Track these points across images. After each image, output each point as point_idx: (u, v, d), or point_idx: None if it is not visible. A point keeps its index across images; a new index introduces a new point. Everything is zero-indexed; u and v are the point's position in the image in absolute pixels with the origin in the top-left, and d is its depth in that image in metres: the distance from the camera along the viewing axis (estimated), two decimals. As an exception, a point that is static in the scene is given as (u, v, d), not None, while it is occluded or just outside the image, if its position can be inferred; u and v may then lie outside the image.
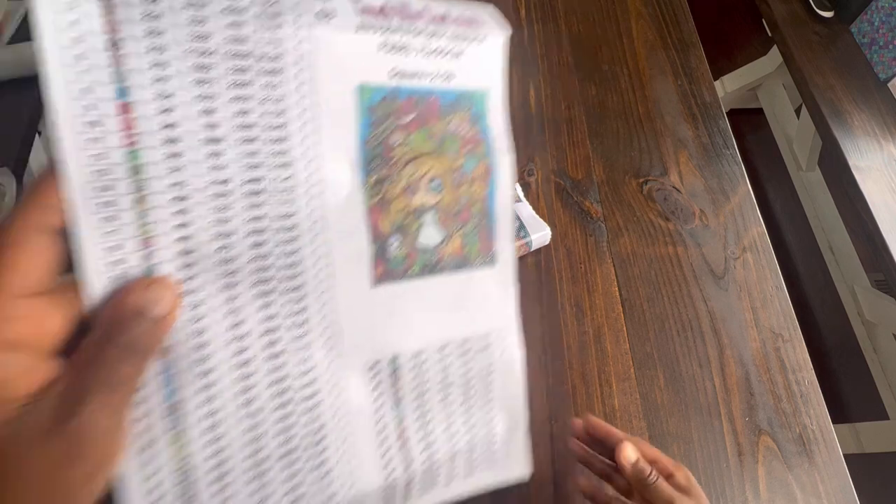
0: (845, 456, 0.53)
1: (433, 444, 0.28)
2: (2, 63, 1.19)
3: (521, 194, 0.60)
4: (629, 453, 0.39)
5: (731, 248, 0.63)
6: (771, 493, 0.51)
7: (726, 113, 0.72)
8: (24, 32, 1.30)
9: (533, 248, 0.58)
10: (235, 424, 0.22)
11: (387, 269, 0.26)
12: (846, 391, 1.31)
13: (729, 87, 1.65)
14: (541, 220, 0.58)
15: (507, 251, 0.29)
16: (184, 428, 0.21)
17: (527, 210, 0.59)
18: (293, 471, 0.24)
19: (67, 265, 0.19)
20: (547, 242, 0.59)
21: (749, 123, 1.65)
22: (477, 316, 0.29)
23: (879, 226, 0.98)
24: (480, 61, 0.28)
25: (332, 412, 0.25)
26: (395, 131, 0.25)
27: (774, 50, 1.46)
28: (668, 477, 0.39)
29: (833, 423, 0.55)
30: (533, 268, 0.58)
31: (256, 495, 0.23)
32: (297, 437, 0.24)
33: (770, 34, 1.31)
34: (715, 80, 0.86)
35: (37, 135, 1.29)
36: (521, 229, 0.57)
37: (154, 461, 0.21)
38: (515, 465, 0.31)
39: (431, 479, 0.29)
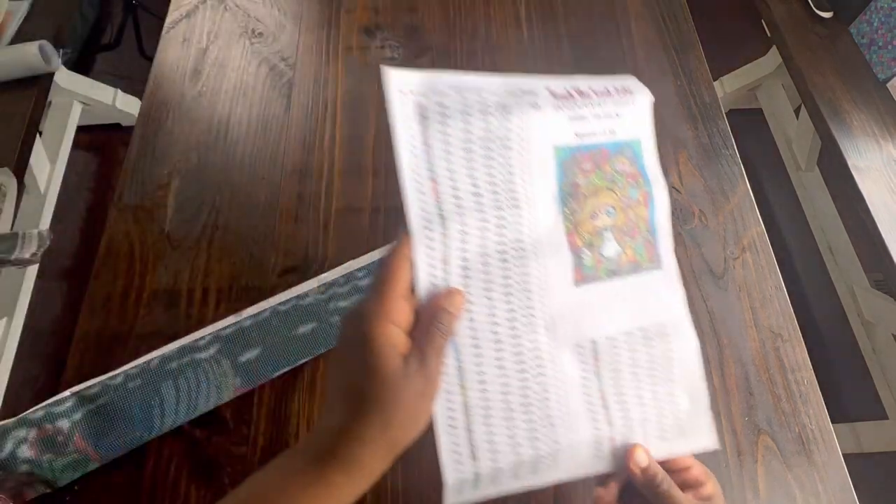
0: (844, 455, 0.53)
1: (628, 410, 0.36)
2: (2, 63, 1.19)
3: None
4: (640, 457, 0.36)
5: (731, 248, 0.63)
6: (770, 493, 0.51)
7: (726, 113, 0.73)
8: (24, 33, 1.30)
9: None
10: (493, 381, 0.33)
11: (583, 273, 0.36)
12: (845, 391, 1.31)
13: (728, 88, 1.65)
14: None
15: (668, 257, 0.38)
16: (465, 381, 0.33)
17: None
18: (530, 417, 0.34)
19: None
20: (547, 242, 0.59)
21: (748, 124, 1.66)
22: (651, 309, 0.37)
23: (879, 226, 0.98)
24: (633, 118, 0.38)
25: (553, 379, 0.35)
26: (579, 175, 0.36)
27: (774, 50, 1.46)
28: (698, 486, 0.37)
29: (832, 422, 0.55)
30: (533, 268, 0.58)
31: (507, 430, 0.34)
32: (531, 393, 0.34)
33: (769, 35, 1.32)
34: (714, 80, 0.86)
35: (37, 135, 1.29)
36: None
37: (450, 401, 0.33)
38: (702, 438, 0.39)
39: (629, 435, 0.37)
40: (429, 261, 0.32)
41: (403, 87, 0.32)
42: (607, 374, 0.36)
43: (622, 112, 0.38)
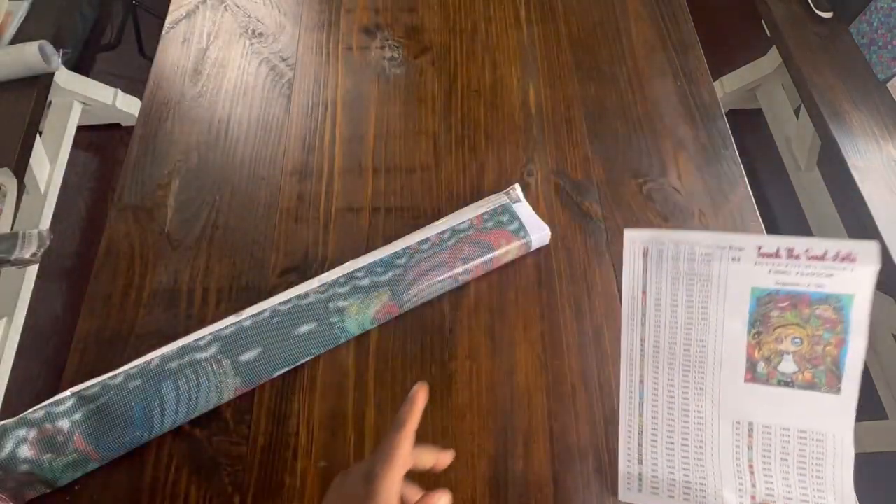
0: (844, 455, 0.53)
1: (771, 483, 0.42)
2: (2, 63, 1.19)
3: (520, 194, 0.60)
4: None
5: (731, 248, 0.63)
6: (770, 493, 0.51)
7: (725, 113, 0.73)
8: (24, 33, 1.30)
9: (533, 248, 0.58)
10: (662, 419, 0.45)
11: (754, 376, 0.42)
12: (845, 391, 1.31)
13: (728, 88, 1.65)
14: (540, 220, 0.58)
15: (851, 389, 0.41)
16: (642, 413, 0.45)
17: (526, 210, 0.59)
18: (686, 452, 0.44)
19: None
20: (546, 242, 0.59)
21: (748, 124, 1.66)
22: (817, 419, 0.41)
23: (878, 226, 0.98)
24: (849, 279, 0.40)
25: (710, 435, 0.44)
26: (773, 310, 0.41)
27: (773, 50, 1.46)
28: None
29: (832, 422, 0.54)
30: (533, 268, 0.58)
31: (666, 456, 0.45)
32: (690, 439, 0.44)
33: (769, 35, 1.32)
34: (714, 80, 0.86)
35: (37, 135, 1.29)
36: (520, 229, 0.57)
37: (631, 422, 0.45)
38: None
39: (770, 502, 0.43)
40: (630, 338, 0.45)
41: (636, 238, 0.44)
42: (757, 450, 0.42)
43: (836, 274, 0.39)
